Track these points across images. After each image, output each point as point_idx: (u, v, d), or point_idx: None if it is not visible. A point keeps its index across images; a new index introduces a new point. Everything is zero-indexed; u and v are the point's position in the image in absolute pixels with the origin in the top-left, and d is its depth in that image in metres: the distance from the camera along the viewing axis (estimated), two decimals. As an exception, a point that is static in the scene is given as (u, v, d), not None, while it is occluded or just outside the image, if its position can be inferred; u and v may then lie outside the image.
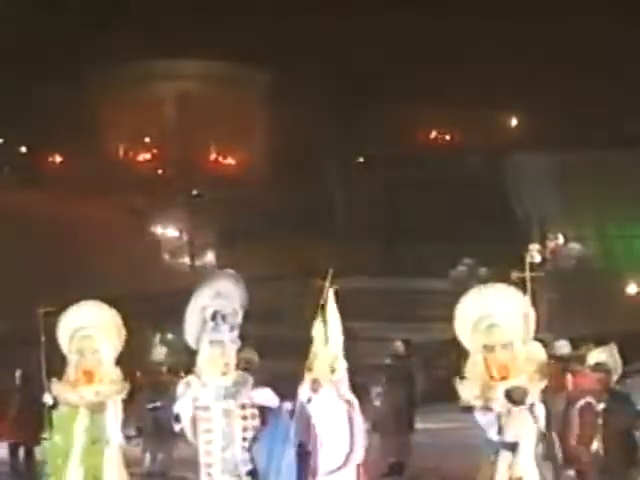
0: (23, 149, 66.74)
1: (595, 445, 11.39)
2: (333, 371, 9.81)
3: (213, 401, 9.34)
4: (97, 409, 9.87)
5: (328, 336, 9.88)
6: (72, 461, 9.83)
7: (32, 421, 13.86)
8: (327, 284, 10.10)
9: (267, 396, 9.66)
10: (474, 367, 9.41)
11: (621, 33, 56.47)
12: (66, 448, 9.85)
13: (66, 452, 9.85)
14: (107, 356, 10.08)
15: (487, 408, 9.29)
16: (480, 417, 9.41)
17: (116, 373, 10.18)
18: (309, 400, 9.62)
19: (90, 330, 10.02)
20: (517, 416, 9.29)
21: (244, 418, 9.39)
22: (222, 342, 9.51)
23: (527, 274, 9.72)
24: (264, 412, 9.80)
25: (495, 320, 9.45)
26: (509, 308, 9.51)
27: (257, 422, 9.46)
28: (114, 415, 10.07)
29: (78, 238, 49.89)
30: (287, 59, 60.81)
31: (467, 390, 9.33)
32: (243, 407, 9.40)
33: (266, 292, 39.83)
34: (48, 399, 9.98)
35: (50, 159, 67.72)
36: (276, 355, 18.31)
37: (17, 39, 59.05)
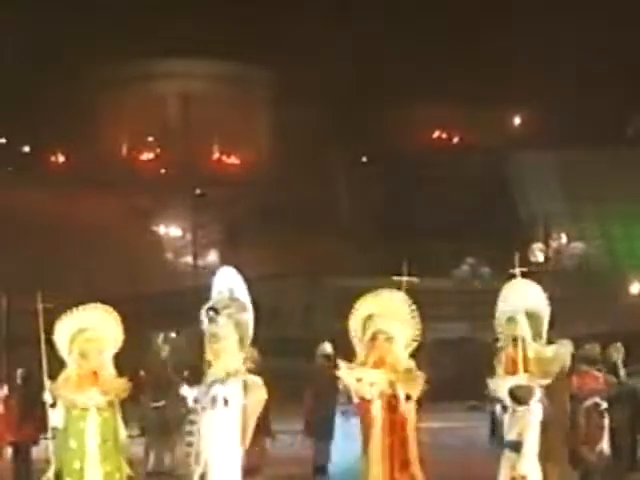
0: (26, 148, 66.77)
1: (600, 445, 11.40)
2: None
3: (203, 395, 9.43)
4: (106, 408, 9.97)
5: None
6: (89, 463, 9.93)
7: (32, 421, 13.88)
8: (404, 279, 10.20)
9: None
10: (500, 362, 9.54)
11: (623, 31, 56.44)
12: (81, 450, 9.93)
13: (82, 454, 9.93)
14: (109, 357, 10.16)
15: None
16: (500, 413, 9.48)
17: (114, 373, 10.28)
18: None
19: (95, 332, 10.09)
20: (521, 415, 9.30)
21: (219, 413, 9.41)
22: (205, 336, 9.51)
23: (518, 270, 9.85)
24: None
25: (512, 314, 9.58)
26: (523, 303, 9.63)
27: (235, 418, 9.42)
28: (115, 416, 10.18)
29: (80, 237, 49.89)
30: (290, 58, 60.76)
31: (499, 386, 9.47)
32: (225, 402, 9.41)
33: (270, 291, 39.83)
34: (48, 398, 10.03)
35: (53, 159, 67.73)
36: (280, 353, 18.32)
37: (19, 38, 59.09)
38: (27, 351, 11.85)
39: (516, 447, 9.21)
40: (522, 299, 9.80)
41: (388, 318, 10.32)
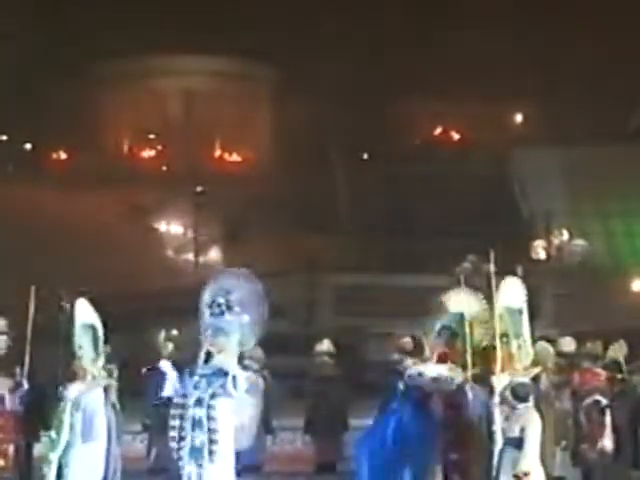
0: (28, 146, 66.77)
1: (601, 442, 11.41)
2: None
3: (191, 389, 9.44)
4: (75, 404, 10.24)
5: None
6: (60, 454, 10.15)
7: (34, 417, 13.87)
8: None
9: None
10: (496, 360, 9.58)
11: (625, 28, 56.41)
12: (59, 443, 10.17)
13: (59, 447, 10.17)
14: (86, 355, 10.41)
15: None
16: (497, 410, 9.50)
17: (91, 371, 10.47)
18: None
19: (76, 329, 10.44)
20: (522, 412, 9.31)
21: (209, 407, 9.41)
22: (208, 330, 9.54)
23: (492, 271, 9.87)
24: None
25: (500, 311, 9.64)
26: (507, 300, 9.69)
27: (220, 413, 9.42)
28: (92, 410, 10.34)
29: (81, 234, 49.90)
30: (292, 55, 60.75)
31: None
32: (213, 396, 9.42)
33: (271, 288, 39.68)
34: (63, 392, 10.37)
35: (55, 156, 67.72)
36: (280, 350, 18.27)
37: (21, 34, 59.07)
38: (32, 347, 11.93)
39: (517, 444, 9.23)
40: (503, 296, 9.88)
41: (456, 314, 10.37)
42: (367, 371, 23.34)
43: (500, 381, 9.57)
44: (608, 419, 11.44)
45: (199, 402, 9.39)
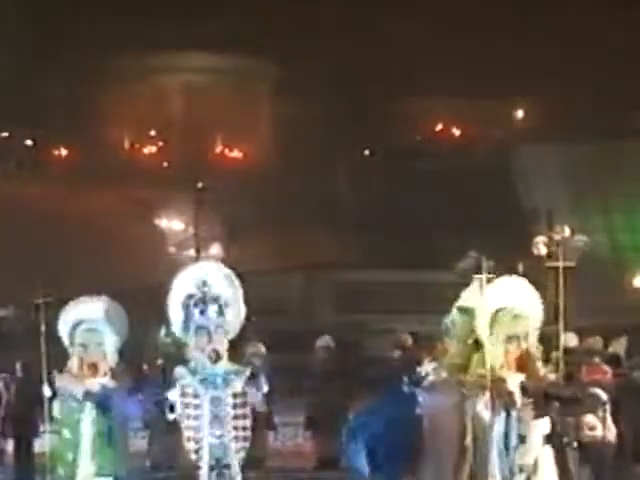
0: (28, 142, 66.75)
1: (604, 434, 11.43)
2: None
3: (202, 389, 9.40)
4: (102, 402, 9.97)
5: None
6: (83, 455, 9.94)
7: (32, 413, 13.87)
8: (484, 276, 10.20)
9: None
10: (491, 359, 9.52)
11: (627, 23, 56.37)
12: (75, 442, 9.94)
13: (75, 446, 9.94)
14: (111, 349, 10.16)
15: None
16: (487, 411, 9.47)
17: (119, 366, 10.27)
18: None
19: (94, 323, 10.11)
20: (529, 407, 9.34)
21: (234, 406, 9.40)
22: (208, 328, 9.53)
23: (560, 264, 9.91)
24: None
25: (518, 311, 9.62)
26: (530, 300, 9.69)
27: (248, 410, 9.43)
28: (110, 407, 10.19)
29: (83, 231, 49.89)
30: (293, 51, 60.72)
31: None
32: (235, 396, 9.40)
33: (271, 285, 39.76)
34: (47, 391, 10.04)
35: (55, 152, 67.73)
36: (281, 346, 18.27)
37: (22, 31, 59.06)
38: (28, 342, 11.90)
39: (522, 439, 9.26)
40: (523, 296, 9.88)
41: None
42: (367, 367, 23.30)
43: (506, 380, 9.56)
44: (608, 414, 11.46)
45: (217, 401, 9.37)
